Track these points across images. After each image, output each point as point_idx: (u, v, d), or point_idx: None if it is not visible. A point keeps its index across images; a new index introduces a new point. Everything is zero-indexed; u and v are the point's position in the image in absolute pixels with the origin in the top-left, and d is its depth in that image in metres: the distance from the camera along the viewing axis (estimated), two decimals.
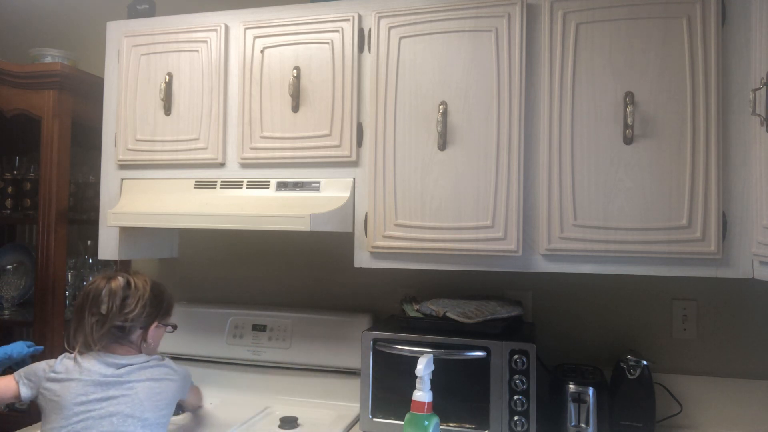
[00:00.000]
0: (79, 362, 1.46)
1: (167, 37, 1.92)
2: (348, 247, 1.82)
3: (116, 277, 1.54)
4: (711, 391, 1.79)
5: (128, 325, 1.51)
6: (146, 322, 1.54)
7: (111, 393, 1.42)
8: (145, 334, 1.55)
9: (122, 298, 1.50)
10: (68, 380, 1.43)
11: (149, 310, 1.54)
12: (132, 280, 1.54)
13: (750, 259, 1.47)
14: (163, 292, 1.61)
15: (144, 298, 1.53)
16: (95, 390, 1.42)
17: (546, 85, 1.60)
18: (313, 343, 2.04)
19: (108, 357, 1.48)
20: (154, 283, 1.60)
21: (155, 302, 1.57)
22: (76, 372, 1.44)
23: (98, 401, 1.41)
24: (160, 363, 1.53)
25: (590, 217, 1.55)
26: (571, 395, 1.62)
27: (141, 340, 1.54)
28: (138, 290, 1.53)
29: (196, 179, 1.89)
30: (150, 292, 1.55)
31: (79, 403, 1.40)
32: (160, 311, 1.58)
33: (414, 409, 1.49)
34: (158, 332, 1.59)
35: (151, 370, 1.50)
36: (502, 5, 1.63)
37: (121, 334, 1.51)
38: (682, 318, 1.86)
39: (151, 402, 1.45)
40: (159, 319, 1.58)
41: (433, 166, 1.66)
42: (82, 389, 1.42)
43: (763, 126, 1.36)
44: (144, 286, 1.55)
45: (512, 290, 1.97)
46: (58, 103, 2.06)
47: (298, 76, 1.78)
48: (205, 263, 2.29)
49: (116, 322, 1.49)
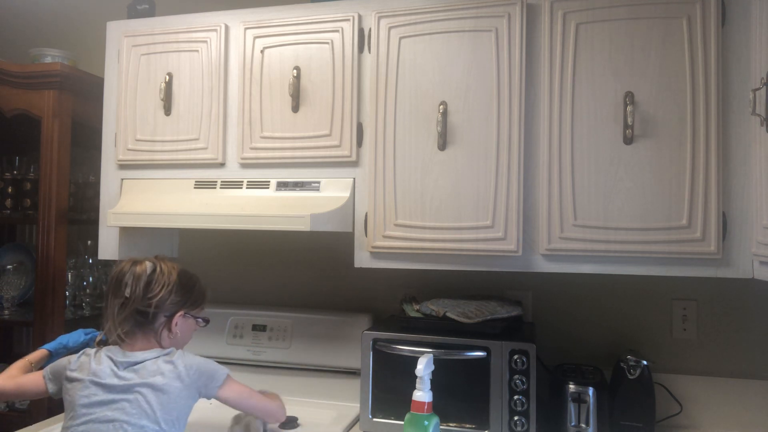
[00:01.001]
0: (90, 360, 1.41)
1: (167, 37, 1.92)
2: (348, 247, 1.82)
3: (143, 261, 1.47)
4: (711, 391, 1.79)
5: (151, 311, 1.43)
6: (171, 309, 1.46)
7: (112, 397, 1.36)
8: (170, 323, 1.46)
9: (146, 283, 1.44)
10: (78, 380, 1.39)
11: (175, 297, 1.46)
12: (159, 264, 1.48)
13: (750, 259, 1.47)
14: (193, 281, 1.54)
15: (170, 284, 1.46)
16: (97, 392, 1.37)
17: (546, 85, 1.60)
18: (313, 343, 2.04)
19: (118, 355, 1.42)
20: (184, 270, 1.52)
21: (183, 290, 1.49)
22: (86, 371, 1.40)
23: (99, 405, 1.35)
24: (167, 360, 1.41)
25: (590, 217, 1.55)
26: (571, 395, 1.62)
27: (164, 329, 1.46)
28: (164, 275, 1.46)
29: (196, 179, 1.89)
30: (177, 279, 1.48)
31: (83, 405, 1.36)
32: (187, 300, 1.50)
33: (414, 409, 1.49)
34: (186, 323, 1.50)
35: (156, 369, 1.39)
36: (502, 5, 1.63)
37: (144, 320, 1.44)
38: (682, 318, 1.86)
39: (152, 408, 1.36)
40: (186, 308, 1.50)
41: (433, 166, 1.66)
42: (86, 390, 1.37)
43: (763, 126, 1.36)
44: (171, 271, 1.48)
45: (512, 290, 1.97)
46: (58, 103, 2.07)
47: (298, 76, 1.78)
48: (205, 263, 2.29)
49: (139, 306, 1.42)
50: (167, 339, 1.48)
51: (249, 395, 1.52)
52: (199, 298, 1.55)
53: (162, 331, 1.47)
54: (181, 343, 1.51)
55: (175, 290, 1.47)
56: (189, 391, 1.42)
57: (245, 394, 1.51)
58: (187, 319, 1.51)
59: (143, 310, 1.43)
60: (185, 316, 1.50)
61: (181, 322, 1.49)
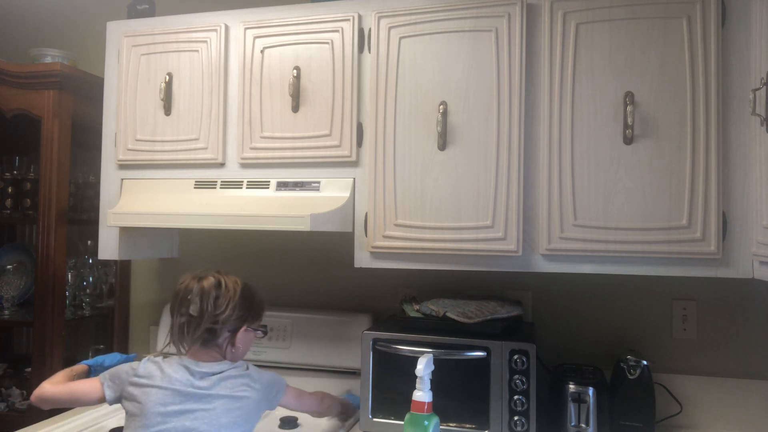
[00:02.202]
0: (162, 368, 1.41)
1: (167, 37, 1.92)
2: (348, 247, 1.82)
3: (207, 276, 1.47)
4: (711, 391, 1.79)
5: (218, 328, 1.44)
6: (235, 325, 1.47)
7: (189, 406, 1.36)
8: (233, 338, 1.47)
9: (214, 298, 1.44)
10: (150, 386, 1.38)
11: (239, 312, 1.46)
12: (223, 280, 1.47)
13: (750, 259, 1.47)
14: (254, 294, 1.54)
15: (234, 300, 1.45)
16: (174, 400, 1.36)
17: (546, 85, 1.60)
18: (313, 343, 2.04)
19: (192, 364, 1.41)
20: (245, 284, 1.52)
21: (246, 304, 1.49)
22: (158, 378, 1.39)
23: (176, 414, 1.34)
24: (242, 373, 1.44)
25: (590, 217, 1.55)
26: (571, 395, 1.62)
27: (228, 345, 1.47)
28: (229, 291, 1.46)
29: (196, 179, 1.89)
30: (240, 293, 1.48)
31: (158, 413, 1.34)
32: (250, 314, 1.51)
33: (414, 409, 1.49)
34: (247, 336, 1.51)
35: (233, 381, 1.42)
36: (502, 5, 1.63)
37: (209, 336, 1.44)
38: (682, 318, 1.86)
39: (229, 418, 1.37)
40: (248, 322, 1.50)
41: (433, 166, 1.66)
42: (162, 398, 1.36)
43: (763, 126, 1.36)
44: (235, 287, 1.48)
45: (512, 290, 1.97)
46: (58, 103, 2.07)
47: (298, 76, 1.78)
48: (205, 263, 2.28)
49: (207, 324, 1.42)
50: (230, 353, 1.48)
51: (306, 397, 1.65)
52: (259, 311, 1.56)
53: (226, 347, 1.47)
54: (241, 356, 1.52)
55: (239, 305, 1.47)
56: (261, 404, 1.46)
57: (303, 397, 1.64)
58: (249, 332, 1.52)
59: (210, 327, 1.44)
60: (247, 330, 1.51)
61: (243, 336, 1.49)
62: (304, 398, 1.64)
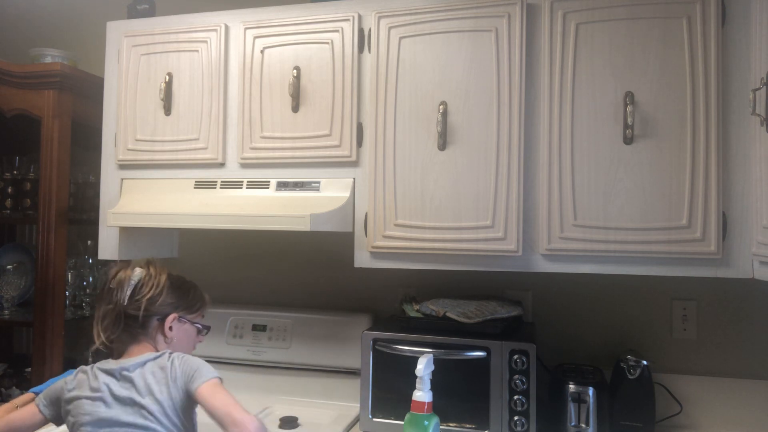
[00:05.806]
0: (90, 376, 1.38)
1: (167, 37, 1.92)
2: (348, 247, 1.82)
3: (132, 266, 1.46)
4: (711, 391, 1.79)
5: (141, 314, 1.39)
6: (163, 311, 1.43)
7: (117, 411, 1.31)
8: (163, 326, 1.43)
9: (134, 286, 1.41)
10: (78, 398, 1.35)
11: (166, 298, 1.43)
12: (150, 268, 1.46)
13: (750, 259, 1.47)
14: (187, 285, 1.51)
15: (159, 286, 1.43)
16: (100, 408, 1.32)
17: (546, 85, 1.60)
18: (313, 343, 2.04)
19: (113, 364, 1.38)
20: (176, 275, 1.50)
21: (176, 292, 1.46)
22: (86, 388, 1.36)
23: (108, 423, 1.30)
24: (161, 364, 1.35)
25: (590, 217, 1.55)
26: (571, 395, 1.62)
27: (158, 333, 1.43)
28: (152, 278, 1.43)
29: (196, 179, 1.89)
30: (167, 280, 1.45)
31: (88, 423, 1.31)
32: (181, 303, 1.47)
33: (414, 409, 1.49)
34: (182, 328, 1.47)
35: (154, 375, 1.34)
36: (502, 5, 1.63)
37: (134, 324, 1.40)
38: (682, 318, 1.86)
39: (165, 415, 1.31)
40: (180, 311, 1.46)
41: (433, 166, 1.66)
42: (90, 407, 1.33)
43: (763, 126, 1.36)
44: (159, 273, 1.45)
45: (512, 290, 1.97)
46: (58, 103, 2.06)
47: (298, 76, 1.78)
48: (205, 263, 2.29)
49: (129, 310, 1.39)
50: (163, 344, 1.44)
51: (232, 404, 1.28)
52: (195, 302, 1.51)
53: (157, 336, 1.43)
54: (180, 349, 1.46)
55: (165, 292, 1.44)
56: (181, 390, 1.34)
57: (227, 401, 1.29)
58: (184, 323, 1.47)
59: (132, 314, 1.40)
60: (181, 320, 1.46)
61: (177, 327, 1.45)
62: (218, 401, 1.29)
